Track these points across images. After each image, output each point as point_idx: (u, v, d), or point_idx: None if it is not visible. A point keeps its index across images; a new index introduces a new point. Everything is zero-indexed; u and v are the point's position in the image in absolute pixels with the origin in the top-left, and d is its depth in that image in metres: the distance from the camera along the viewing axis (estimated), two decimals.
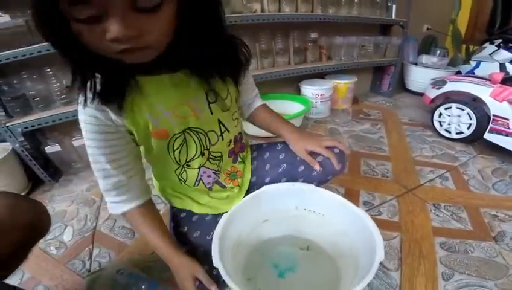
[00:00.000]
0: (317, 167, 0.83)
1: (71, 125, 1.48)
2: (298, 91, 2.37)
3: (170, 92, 0.65)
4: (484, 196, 1.40)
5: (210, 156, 0.80)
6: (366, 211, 1.29)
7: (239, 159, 0.92)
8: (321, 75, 2.40)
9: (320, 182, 0.90)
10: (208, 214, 0.89)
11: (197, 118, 0.71)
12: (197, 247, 0.81)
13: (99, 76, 0.55)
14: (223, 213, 0.77)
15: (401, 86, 2.96)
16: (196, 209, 0.89)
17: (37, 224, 0.64)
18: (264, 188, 0.85)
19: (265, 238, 0.94)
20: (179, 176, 0.81)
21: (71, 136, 1.55)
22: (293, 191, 0.86)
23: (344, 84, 2.38)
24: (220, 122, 0.76)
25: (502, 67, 2.11)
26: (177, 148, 0.73)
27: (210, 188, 0.87)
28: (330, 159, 0.83)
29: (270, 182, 0.90)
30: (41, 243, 1.10)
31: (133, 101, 0.62)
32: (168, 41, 0.51)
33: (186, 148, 0.74)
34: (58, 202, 1.44)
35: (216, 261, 0.62)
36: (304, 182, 0.88)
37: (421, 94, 2.30)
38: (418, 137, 2.00)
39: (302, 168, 0.88)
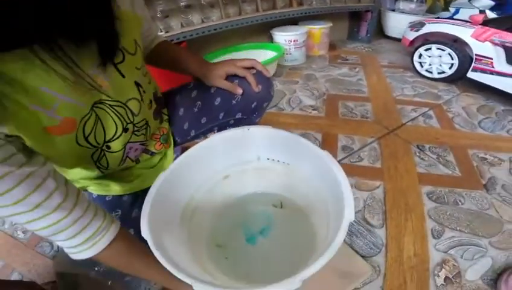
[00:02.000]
0: (239, 91, 0.64)
1: None
2: (271, 39, 2.08)
3: (54, 65, 0.36)
4: (471, 134, 1.17)
5: (135, 129, 0.55)
6: (346, 157, 1.05)
7: (164, 117, 0.69)
8: (293, 21, 2.09)
9: (246, 112, 0.69)
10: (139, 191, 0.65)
11: (105, 88, 0.45)
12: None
13: None
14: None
15: (380, 32, 2.65)
16: (122, 189, 0.63)
17: None
18: (214, 136, 0.62)
19: (233, 197, 0.74)
20: (97, 163, 0.53)
21: None
22: (250, 138, 0.64)
23: (318, 29, 2.09)
24: (137, 84, 0.52)
25: (482, 13, 1.90)
26: (89, 134, 0.46)
27: (137, 160, 0.63)
28: (247, 78, 0.63)
29: (191, 127, 0.71)
30: (8, 229, 0.94)
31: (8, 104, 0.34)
32: None
33: (102, 126, 0.48)
34: None
35: (145, 232, 0.43)
36: (225, 115, 0.69)
37: (399, 40, 2.16)
38: (399, 78, 1.75)
39: (218, 100, 0.68)
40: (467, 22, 1.57)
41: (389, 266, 0.71)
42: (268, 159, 0.68)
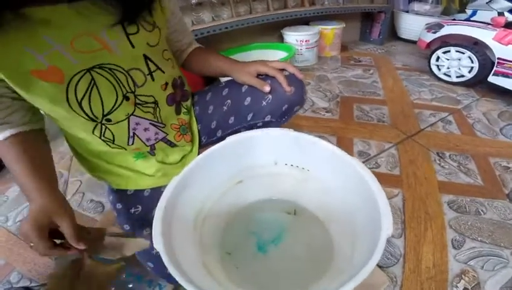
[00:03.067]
0: (267, 88, 0.63)
1: None
2: (281, 39, 2.08)
3: (66, 21, 0.45)
4: (492, 142, 1.17)
5: (138, 101, 0.57)
6: (362, 163, 1.02)
7: (183, 110, 0.71)
8: (305, 21, 2.10)
9: (275, 115, 0.68)
10: (162, 187, 0.65)
11: (109, 51, 0.50)
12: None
13: None
14: None
15: (393, 34, 2.65)
16: (143, 183, 0.67)
17: None
18: (229, 138, 0.60)
19: (245, 203, 0.73)
20: (102, 137, 0.57)
21: None
22: (268, 141, 0.63)
23: (331, 29, 2.09)
24: (146, 58, 0.56)
25: (501, 15, 1.88)
26: (83, 97, 0.50)
27: (153, 147, 0.64)
28: (277, 78, 0.63)
29: (218, 126, 0.73)
30: (10, 226, 0.96)
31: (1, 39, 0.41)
32: None
33: (99, 93, 0.52)
34: None
35: (157, 243, 0.42)
36: (254, 117, 0.68)
37: (414, 42, 2.14)
38: (415, 81, 1.75)
39: (248, 100, 0.68)
40: (488, 24, 1.55)
41: (406, 277, 0.71)
42: (286, 164, 0.68)
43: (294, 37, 1.94)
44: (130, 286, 0.72)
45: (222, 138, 0.67)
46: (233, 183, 0.68)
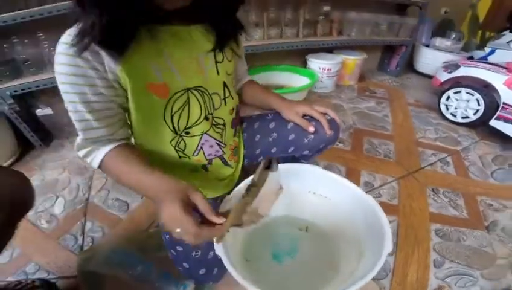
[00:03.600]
0: (311, 129, 0.72)
1: None
2: (304, 64, 2.19)
3: (181, 44, 0.56)
4: (482, 183, 1.32)
5: (214, 122, 0.68)
6: (367, 192, 1.18)
7: (237, 133, 0.82)
8: (329, 49, 2.21)
9: (312, 151, 0.78)
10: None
11: (203, 76, 0.60)
12: None
13: (104, 20, 0.44)
14: (222, 195, 0.67)
15: (409, 66, 2.75)
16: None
17: (20, 199, 0.51)
18: (282, 165, 0.70)
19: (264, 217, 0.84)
20: (176, 147, 0.66)
21: (62, 99, 1.36)
22: (301, 173, 0.75)
23: (353, 60, 2.19)
24: (225, 85, 0.67)
25: None
26: (176, 111, 0.60)
27: (210, 161, 0.72)
28: (321, 122, 0.73)
29: (261, 153, 0.82)
30: (31, 215, 1.00)
31: (136, 49, 0.50)
32: None
33: (188, 110, 0.61)
34: (50, 169, 1.27)
35: (218, 249, 0.53)
36: (294, 150, 0.78)
37: (429, 76, 2.19)
38: (423, 118, 1.88)
39: (292, 136, 0.77)
40: (503, 67, 1.59)
41: (393, 288, 0.85)
42: (309, 191, 0.79)
43: (318, 64, 2.06)
44: (157, 284, 0.79)
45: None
46: None
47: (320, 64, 2.05)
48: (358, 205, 0.70)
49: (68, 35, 0.46)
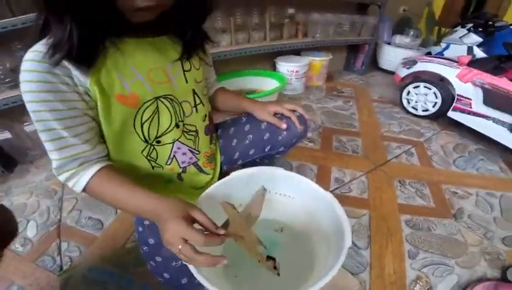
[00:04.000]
0: (284, 126, 0.76)
1: (20, 110, 1.19)
2: (273, 67, 2.21)
3: (148, 54, 0.57)
4: (446, 172, 1.37)
5: (185, 129, 0.68)
6: (337, 188, 1.23)
7: (213, 140, 0.82)
8: (296, 51, 2.24)
9: (286, 146, 0.81)
10: None
11: (171, 85, 0.61)
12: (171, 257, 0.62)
13: (75, 35, 0.43)
14: None
15: (374, 64, 2.84)
16: None
17: (4, 229, 0.51)
18: (232, 174, 0.73)
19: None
20: (148, 157, 0.65)
21: (21, 121, 1.27)
22: (264, 175, 0.75)
23: (319, 61, 2.24)
24: (194, 92, 0.68)
25: (470, 50, 2.07)
26: (146, 120, 0.59)
27: (184, 170, 0.71)
28: (291, 118, 0.76)
29: (239, 157, 0.83)
30: None
31: (103, 61, 0.50)
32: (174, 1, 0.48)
33: (158, 118, 0.61)
34: (16, 194, 1.19)
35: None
36: (270, 149, 0.80)
37: (392, 73, 2.25)
38: (387, 114, 1.95)
39: (267, 135, 0.79)
40: (455, 61, 1.68)
41: (373, 281, 0.86)
42: (276, 193, 0.78)
43: (286, 67, 2.07)
44: None
45: (242, 166, 0.79)
46: None
47: (289, 67, 2.07)
48: (319, 202, 0.71)
49: (35, 52, 0.45)
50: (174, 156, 0.67)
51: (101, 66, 0.50)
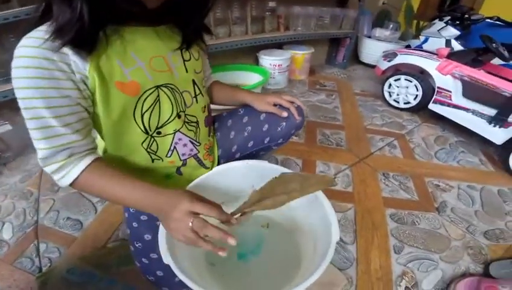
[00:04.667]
0: (285, 114, 0.74)
1: None
2: (256, 61, 2.16)
3: (149, 42, 0.55)
4: (428, 164, 1.37)
5: (186, 120, 0.66)
6: None
7: (211, 133, 0.80)
8: (278, 45, 2.20)
9: (285, 138, 0.79)
10: None
11: (172, 73, 0.60)
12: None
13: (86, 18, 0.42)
14: None
15: (355, 57, 2.81)
16: None
17: None
18: (216, 168, 0.70)
19: None
20: (148, 150, 0.62)
21: None
22: (247, 169, 0.72)
23: (301, 54, 2.20)
24: (194, 82, 0.66)
25: (448, 43, 2.07)
26: (147, 110, 0.57)
27: (184, 162, 0.69)
28: (290, 109, 0.75)
29: (238, 150, 0.81)
30: None
31: (103, 48, 0.48)
32: None
33: (159, 108, 0.59)
34: None
35: (166, 258, 0.49)
36: (270, 141, 0.78)
37: (373, 66, 2.24)
38: (370, 107, 1.93)
39: (266, 126, 0.77)
40: (434, 54, 1.68)
41: (359, 277, 0.84)
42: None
43: (269, 61, 2.02)
44: None
45: (239, 159, 0.76)
46: None
47: (271, 61, 2.03)
48: (305, 197, 0.65)
49: (31, 38, 0.43)
50: (174, 147, 0.65)
51: (101, 53, 0.48)
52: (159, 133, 0.61)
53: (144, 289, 0.74)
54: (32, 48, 0.43)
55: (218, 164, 0.82)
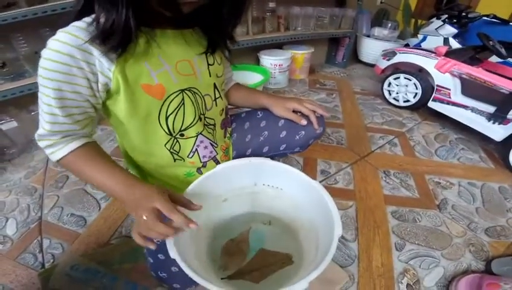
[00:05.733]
0: (304, 122, 0.70)
1: None
2: (257, 61, 2.15)
3: (176, 46, 0.56)
4: (428, 161, 1.35)
5: (206, 123, 0.66)
6: (323, 179, 1.19)
7: (227, 134, 0.79)
8: (279, 45, 2.20)
9: (303, 147, 0.76)
10: None
11: (196, 77, 0.60)
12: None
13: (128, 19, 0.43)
14: None
15: (354, 57, 2.81)
16: None
17: None
18: (219, 166, 0.69)
19: (228, 217, 0.80)
20: (171, 150, 0.64)
21: None
22: (250, 167, 0.72)
23: (301, 54, 2.20)
24: (215, 86, 0.67)
25: (446, 41, 2.07)
26: (171, 113, 0.58)
27: (204, 165, 0.70)
28: (310, 117, 0.70)
29: (252, 154, 0.78)
30: None
31: (132, 50, 0.49)
32: None
33: (184, 112, 0.59)
34: None
35: (173, 253, 0.48)
36: (286, 148, 0.75)
37: (373, 65, 2.24)
38: (370, 105, 1.91)
39: (284, 133, 0.74)
40: (432, 52, 1.66)
41: (361, 274, 0.83)
42: (263, 184, 0.76)
43: (269, 60, 2.02)
44: None
45: None
46: (220, 201, 0.75)
47: (272, 61, 2.03)
48: (307, 193, 0.68)
49: (67, 33, 0.45)
50: (196, 149, 0.67)
51: (128, 55, 0.49)
52: (182, 135, 0.62)
53: (146, 285, 0.76)
54: (61, 43, 0.44)
55: None
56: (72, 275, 0.79)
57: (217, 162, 0.73)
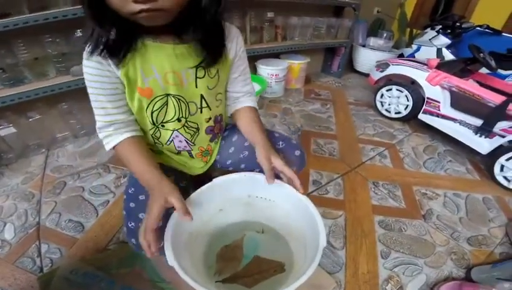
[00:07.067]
0: (271, 181, 0.73)
1: None
2: (254, 71, 2.19)
3: (167, 59, 0.65)
4: (416, 173, 1.41)
5: (186, 125, 0.76)
6: (315, 190, 1.25)
7: (216, 140, 0.87)
8: (276, 54, 2.23)
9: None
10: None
11: (182, 87, 0.69)
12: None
13: (112, 35, 0.56)
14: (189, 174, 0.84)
15: (350, 66, 2.86)
16: (169, 161, 0.84)
17: None
18: (216, 180, 0.77)
19: (223, 225, 0.87)
20: (153, 135, 0.77)
21: None
22: (245, 181, 0.80)
23: (297, 64, 2.25)
24: (202, 97, 0.74)
25: (439, 52, 2.10)
26: (156, 110, 0.71)
27: (179, 152, 0.82)
28: (293, 180, 0.71)
29: (230, 165, 0.88)
30: None
31: (131, 58, 0.62)
32: (180, 9, 0.54)
33: (166, 110, 0.72)
34: None
35: (171, 261, 0.55)
36: (259, 171, 0.79)
37: (367, 75, 2.25)
38: (362, 116, 1.97)
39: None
40: (425, 64, 1.69)
41: (348, 280, 0.88)
42: (256, 197, 0.82)
43: (267, 70, 2.06)
44: None
45: (232, 171, 0.80)
46: (216, 211, 0.82)
47: (269, 70, 2.08)
48: (296, 205, 0.75)
49: (88, 49, 0.59)
50: (172, 140, 0.78)
51: (128, 63, 0.61)
52: (163, 126, 0.74)
53: (141, 288, 0.82)
54: (87, 60, 0.60)
55: (214, 166, 0.90)
56: (71, 279, 0.83)
57: (190, 155, 0.83)
